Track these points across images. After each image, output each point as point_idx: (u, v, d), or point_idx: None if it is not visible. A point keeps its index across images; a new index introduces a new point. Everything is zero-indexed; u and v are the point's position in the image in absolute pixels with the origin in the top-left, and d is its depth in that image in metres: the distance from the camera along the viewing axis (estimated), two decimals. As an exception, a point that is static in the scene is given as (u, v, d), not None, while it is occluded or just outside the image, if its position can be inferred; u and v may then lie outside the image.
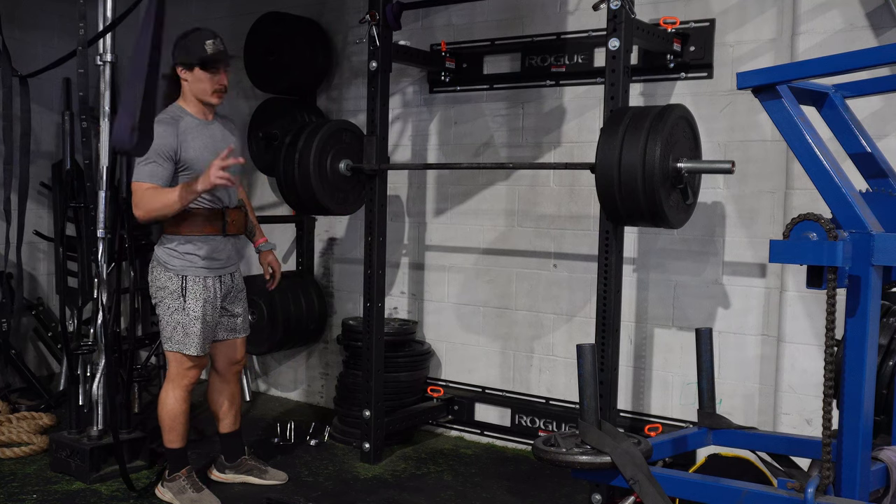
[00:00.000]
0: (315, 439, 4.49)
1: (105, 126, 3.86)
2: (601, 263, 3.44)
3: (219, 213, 3.49)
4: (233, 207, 3.57)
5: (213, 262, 3.50)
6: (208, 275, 3.49)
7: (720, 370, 3.64)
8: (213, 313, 3.54)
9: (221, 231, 3.50)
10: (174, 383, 3.60)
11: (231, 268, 3.62)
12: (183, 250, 3.45)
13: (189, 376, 3.60)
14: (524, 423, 4.43)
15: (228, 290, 3.62)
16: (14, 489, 3.74)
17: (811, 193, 2.95)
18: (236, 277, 3.67)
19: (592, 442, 2.56)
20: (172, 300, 3.47)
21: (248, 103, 5.39)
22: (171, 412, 3.61)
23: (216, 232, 3.49)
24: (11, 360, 4.95)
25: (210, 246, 3.48)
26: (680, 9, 3.87)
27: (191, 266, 3.46)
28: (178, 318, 3.48)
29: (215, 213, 3.48)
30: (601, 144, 3.21)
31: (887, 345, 2.63)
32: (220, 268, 3.55)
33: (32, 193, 4.98)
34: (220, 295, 3.55)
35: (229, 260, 3.59)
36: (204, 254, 3.46)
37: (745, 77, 2.51)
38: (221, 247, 3.53)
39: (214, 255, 3.50)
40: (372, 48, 4.04)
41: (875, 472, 2.42)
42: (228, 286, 3.61)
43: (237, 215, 3.58)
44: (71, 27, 3.87)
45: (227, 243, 3.56)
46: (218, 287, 3.54)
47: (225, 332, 3.68)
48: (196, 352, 3.51)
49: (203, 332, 3.50)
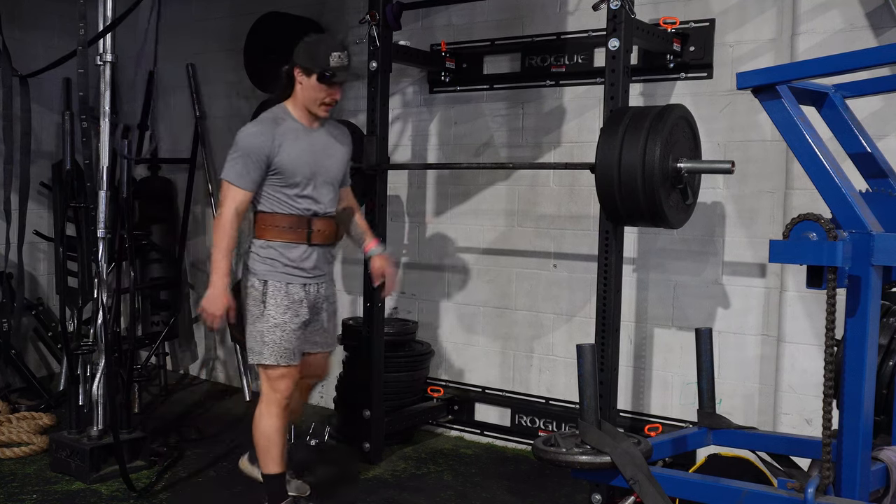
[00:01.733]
0: (315, 439, 4.48)
1: (105, 126, 3.86)
2: (601, 263, 3.44)
3: (305, 221, 3.25)
4: (323, 215, 3.30)
5: (298, 269, 3.26)
6: (291, 281, 3.25)
7: (720, 370, 3.63)
8: (295, 322, 3.27)
9: (306, 240, 3.26)
10: (265, 399, 3.35)
11: (320, 279, 3.34)
12: (265, 255, 3.26)
13: (278, 390, 3.30)
14: (524, 423, 4.43)
15: (315, 301, 3.33)
16: (14, 489, 3.74)
17: (811, 193, 2.95)
18: (324, 289, 3.38)
19: (592, 442, 2.56)
20: (254, 306, 3.28)
21: (248, 103, 5.38)
22: (265, 432, 3.32)
23: (299, 240, 3.25)
24: (11, 360, 4.95)
25: (294, 253, 3.25)
26: (680, 9, 3.87)
27: (272, 271, 3.25)
28: (259, 326, 3.26)
29: (301, 220, 3.25)
30: (601, 144, 3.21)
31: (887, 345, 2.62)
32: (306, 277, 3.29)
33: (32, 193, 4.98)
34: (305, 305, 3.29)
35: (317, 270, 3.31)
36: (287, 260, 3.25)
37: (744, 77, 2.51)
38: (307, 255, 3.27)
39: (298, 264, 3.26)
40: (372, 48, 4.04)
41: (875, 472, 2.42)
42: (314, 296, 3.33)
43: (327, 225, 3.32)
44: (71, 27, 3.87)
45: (313, 252, 3.29)
46: (302, 296, 3.28)
47: (308, 346, 3.40)
48: (273, 360, 3.26)
49: (282, 341, 3.25)
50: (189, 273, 5.87)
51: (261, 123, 3.21)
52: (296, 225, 3.25)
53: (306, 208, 3.26)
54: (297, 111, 3.27)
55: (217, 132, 5.68)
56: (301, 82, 3.21)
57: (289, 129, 3.22)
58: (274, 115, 3.26)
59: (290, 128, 3.23)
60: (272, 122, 3.22)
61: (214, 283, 3.19)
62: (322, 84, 3.18)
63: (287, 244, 3.25)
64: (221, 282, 3.18)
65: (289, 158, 3.19)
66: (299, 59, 3.20)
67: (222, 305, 3.19)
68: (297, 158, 3.20)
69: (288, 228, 3.25)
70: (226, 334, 5.64)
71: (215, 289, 3.18)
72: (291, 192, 3.22)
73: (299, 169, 3.20)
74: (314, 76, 3.17)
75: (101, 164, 3.86)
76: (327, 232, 3.32)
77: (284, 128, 3.22)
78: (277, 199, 3.22)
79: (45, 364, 5.61)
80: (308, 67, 3.17)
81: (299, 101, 3.25)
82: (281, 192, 3.21)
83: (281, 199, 3.22)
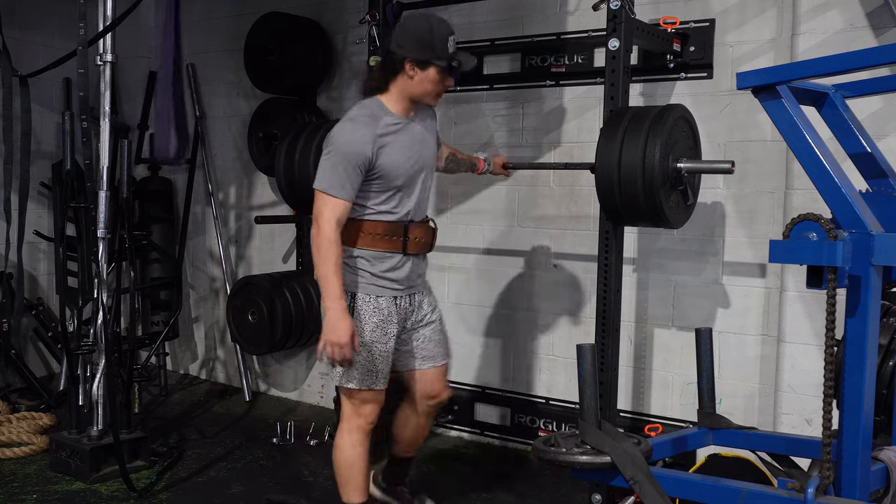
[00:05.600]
0: (315, 439, 4.49)
1: (105, 126, 3.86)
2: (601, 263, 3.44)
3: (400, 227, 2.94)
4: (419, 222, 3.01)
5: (389, 281, 2.96)
6: (381, 294, 2.94)
7: (720, 370, 3.63)
8: (383, 341, 2.96)
9: (401, 249, 2.95)
10: (347, 425, 3.04)
11: (413, 289, 3.05)
12: (353, 264, 2.93)
13: (363, 415, 3.01)
14: (524, 423, 4.43)
15: (408, 315, 3.05)
16: (14, 489, 3.74)
17: (811, 193, 2.95)
18: (418, 299, 3.08)
19: (592, 442, 2.56)
20: None
21: (248, 103, 5.39)
22: (347, 460, 3.03)
23: (394, 249, 2.94)
24: (11, 360, 4.95)
25: (386, 264, 2.95)
26: (680, 9, 3.87)
27: (362, 282, 2.94)
28: None
29: (395, 227, 2.93)
30: (601, 145, 3.21)
31: (887, 345, 2.63)
32: (399, 289, 2.99)
33: (32, 193, 4.98)
34: (396, 320, 2.98)
35: (410, 281, 3.02)
36: (378, 271, 2.94)
37: (744, 77, 2.51)
38: (400, 266, 2.97)
39: (391, 275, 2.96)
40: (372, 48, 4.04)
41: (875, 472, 2.42)
42: (407, 310, 3.03)
43: (423, 232, 3.02)
44: (71, 27, 3.87)
45: (407, 262, 2.98)
46: (394, 310, 2.97)
47: (417, 361, 3.12)
48: (358, 384, 2.95)
49: (370, 363, 2.94)
50: (189, 273, 5.88)
51: (358, 123, 2.84)
52: (391, 232, 2.93)
53: (403, 214, 2.95)
54: (396, 104, 2.91)
55: (217, 132, 5.68)
56: (413, 76, 2.85)
57: (388, 126, 2.87)
58: (370, 111, 2.89)
59: (390, 124, 2.88)
60: (370, 119, 2.85)
61: (330, 307, 2.80)
62: (443, 75, 2.87)
63: (380, 253, 2.93)
64: (338, 304, 2.79)
65: (390, 160, 2.85)
66: (411, 53, 2.82)
67: (347, 330, 2.80)
68: (400, 158, 2.88)
69: (382, 236, 2.92)
70: (226, 334, 5.64)
71: (333, 313, 2.79)
72: (388, 195, 2.91)
73: (401, 170, 2.89)
74: (433, 68, 2.83)
75: (101, 164, 3.86)
76: (423, 240, 3.02)
77: (384, 125, 2.86)
78: (372, 204, 2.91)
79: (45, 364, 5.61)
80: (425, 60, 2.82)
81: (403, 95, 2.90)
82: (377, 196, 2.90)
83: (376, 203, 2.91)
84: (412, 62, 2.83)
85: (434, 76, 2.85)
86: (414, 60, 2.82)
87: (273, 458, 4.24)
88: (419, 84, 2.86)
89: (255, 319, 4.88)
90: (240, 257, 5.64)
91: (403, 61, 2.84)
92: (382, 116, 2.87)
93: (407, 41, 2.83)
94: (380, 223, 2.92)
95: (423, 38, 2.81)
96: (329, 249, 2.78)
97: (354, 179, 2.80)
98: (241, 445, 4.44)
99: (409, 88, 2.88)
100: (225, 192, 5.68)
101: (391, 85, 2.90)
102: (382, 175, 2.85)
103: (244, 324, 4.95)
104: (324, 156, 2.83)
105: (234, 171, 5.62)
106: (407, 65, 2.84)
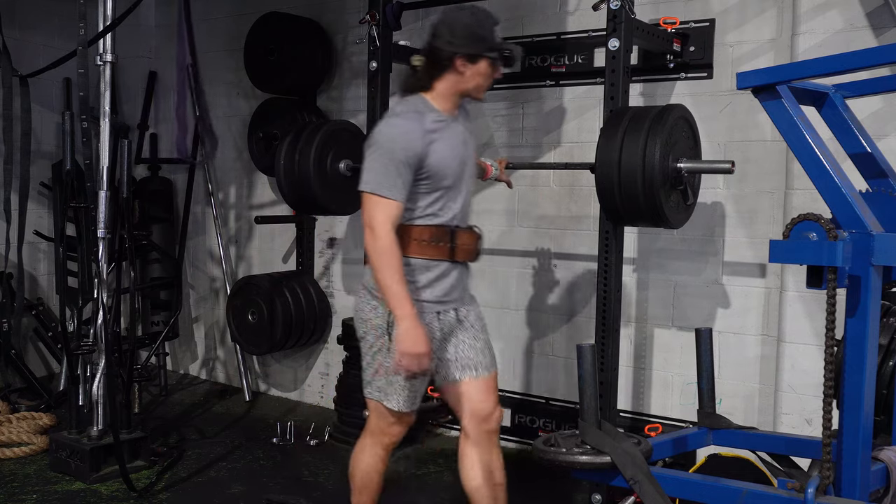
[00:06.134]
0: (315, 439, 4.49)
1: (105, 126, 3.86)
2: (601, 263, 3.44)
3: (446, 233, 2.73)
4: (464, 228, 2.80)
5: (434, 294, 2.74)
6: (424, 310, 2.70)
7: (720, 370, 3.63)
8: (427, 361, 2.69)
9: (448, 256, 2.73)
10: (373, 438, 2.88)
11: (456, 303, 2.81)
12: None
13: (391, 434, 2.85)
14: (524, 423, 4.43)
15: (451, 330, 2.80)
16: (14, 489, 3.74)
17: (811, 193, 2.95)
18: (463, 313, 2.84)
19: (592, 442, 2.56)
20: (375, 337, 2.73)
21: (248, 103, 5.39)
22: (366, 470, 2.89)
23: (441, 256, 2.72)
24: (11, 360, 4.95)
25: (432, 273, 2.73)
26: (680, 9, 3.87)
27: None
28: (382, 361, 2.73)
29: (441, 232, 2.72)
30: (601, 144, 3.21)
31: (887, 345, 2.63)
32: (442, 302, 2.76)
33: (32, 193, 4.98)
34: (437, 336, 2.75)
35: (455, 293, 2.80)
36: (423, 282, 2.71)
37: (744, 77, 2.51)
38: (447, 275, 2.76)
39: (436, 286, 2.74)
40: (372, 48, 4.04)
41: (875, 472, 2.42)
42: (451, 325, 2.80)
43: (470, 239, 2.81)
44: (71, 27, 3.87)
45: (454, 271, 2.77)
46: (436, 326, 2.75)
47: (460, 371, 2.82)
48: (398, 406, 2.75)
49: (411, 384, 2.74)
50: (189, 273, 5.88)
51: (405, 118, 2.66)
52: (437, 238, 2.72)
53: (449, 218, 2.74)
54: (441, 102, 2.73)
55: (217, 132, 5.68)
56: (464, 72, 2.68)
57: (434, 123, 2.68)
58: (415, 107, 2.71)
59: (436, 122, 2.69)
60: (417, 115, 2.67)
61: (403, 316, 2.57)
62: (493, 68, 2.73)
63: (426, 262, 2.71)
64: (410, 311, 2.57)
65: (439, 157, 2.66)
66: (462, 48, 2.65)
67: (425, 338, 2.60)
68: (448, 156, 2.69)
69: (429, 242, 2.71)
70: (226, 334, 5.64)
71: (407, 321, 2.57)
72: (436, 196, 2.70)
73: (449, 169, 2.70)
74: (484, 61, 2.68)
75: (101, 164, 3.86)
76: (470, 247, 2.81)
77: (431, 121, 2.67)
78: (418, 207, 2.69)
79: (45, 364, 5.61)
80: (476, 54, 2.66)
81: (451, 92, 2.73)
82: (423, 199, 2.69)
83: (422, 206, 2.69)
84: (463, 57, 2.66)
85: (485, 69, 2.71)
86: (465, 56, 2.66)
87: (273, 458, 4.24)
88: (471, 79, 2.71)
89: (255, 319, 4.88)
90: (240, 257, 5.64)
91: (453, 57, 2.66)
92: (427, 113, 2.69)
93: (456, 36, 2.66)
94: (426, 228, 2.70)
95: (473, 31, 2.67)
96: (391, 256, 2.58)
97: (406, 178, 2.60)
98: (241, 445, 4.43)
99: (460, 84, 2.72)
100: (225, 192, 5.68)
101: (436, 82, 2.72)
102: (431, 174, 2.65)
103: (244, 324, 4.95)
104: (370, 155, 2.63)
105: (234, 171, 5.62)
106: (458, 61, 2.67)
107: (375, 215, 2.58)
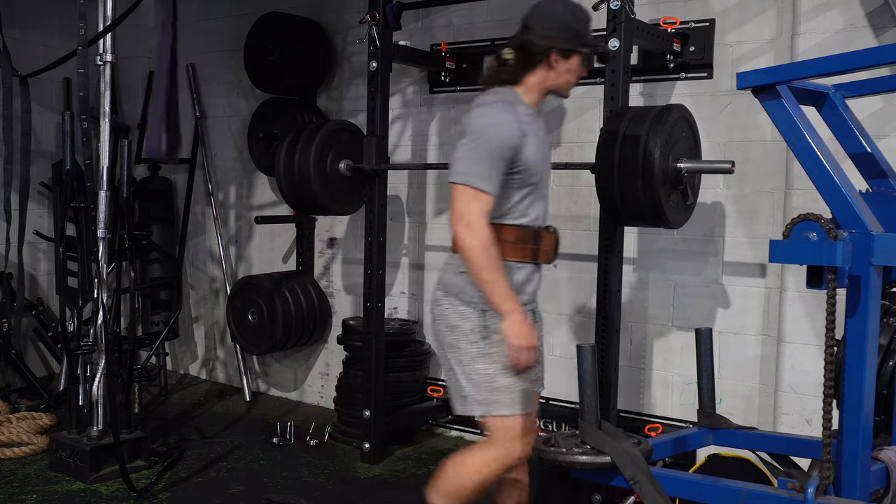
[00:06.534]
0: (315, 439, 4.49)
1: (105, 126, 3.86)
2: (601, 263, 3.44)
3: (531, 234, 2.61)
4: (544, 228, 2.68)
5: (521, 298, 2.60)
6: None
7: (720, 370, 3.63)
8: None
9: (532, 258, 2.62)
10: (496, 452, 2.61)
11: (534, 305, 2.74)
12: None
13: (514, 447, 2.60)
14: (524, 423, 4.42)
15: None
16: (14, 489, 3.74)
17: (811, 193, 2.95)
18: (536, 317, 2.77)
19: (592, 442, 2.56)
20: (471, 344, 2.55)
21: (248, 103, 5.39)
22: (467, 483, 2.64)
23: (525, 258, 2.61)
24: (11, 360, 4.95)
25: (520, 276, 2.62)
26: (680, 9, 3.87)
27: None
28: (483, 367, 2.54)
29: (527, 233, 2.60)
30: (601, 144, 3.21)
31: (887, 345, 2.63)
32: (525, 304, 2.62)
33: (32, 193, 4.98)
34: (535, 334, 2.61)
35: (534, 297, 2.72)
36: (514, 283, 2.57)
37: (744, 77, 2.51)
38: (529, 279, 2.65)
39: (523, 290, 2.63)
40: (372, 48, 4.04)
41: (875, 472, 2.43)
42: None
43: (551, 241, 2.70)
44: (71, 27, 3.87)
45: (535, 274, 2.67)
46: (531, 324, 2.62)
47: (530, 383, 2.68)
48: (510, 409, 2.55)
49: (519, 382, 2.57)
50: (189, 273, 5.88)
51: (498, 107, 2.53)
52: (523, 239, 2.60)
53: (534, 217, 2.62)
54: (529, 96, 2.63)
55: (217, 132, 5.68)
56: (556, 66, 2.58)
57: (525, 117, 2.57)
58: (508, 99, 2.58)
59: (526, 114, 2.58)
60: (509, 106, 2.55)
61: (510, 311, 2.47)
62: (584, 64, 2.63)
63: (514, 264, 2.59)
64: (515, 305, 2.48)
65: (531, 152, 2.53)
66: (557, 42, 2.55)
67: (533, 332, 2.53)
68: (536, 152, 2.56)
69: (515, 243, 2.58)
70: (226, 334, 5.64)
71: (514, 315, 2.47)
72: (523, 193, 2.57)
73: (538, 165, 2.58)
74: (576, 57, 2.59)
75: (101, 164, 3.86)
76: (551, 250, 2.70)
77: (522, 113, 2.56)
78: (507, 204, 2.56)
79: (45, 364, 5.61)
80: (570, 49, 2.57)
81: (539, 87, 2.63)
82: (513, 195, 2.56)
83: (511, 204, 2.56)
84: (558, 52, 2.57)
85: (576, 65, 2.61)
86: (560, 51, 2.57)
87: (273, 458, 4.24)
88: (563, 74, 2.61)
89: (255, 319, 4.88)
90: (240, 257, 5.64)
91: (548, 51, 2.57)
92: (518, 104, 2.58)
93: (551, 30, 2.56)
94: (512, 228, 2.57)
95: (568, 25, 2.57)
96: (489, 250, 2.45)
97: (500, 170, 2.47)
98: (241, 445, 4.44)
99: (550, 80, 2.62)
100: (225, 192, 5.68)
101: (527, 76, 2.61)
102: (523, 169, 2.52)
103: (244, 324, 4.95)
104: (463, 144, 2.50)
105: (234, 171, 5.62)
106: (552, 55, 2.57)
107: (470, 209, 2.45)
